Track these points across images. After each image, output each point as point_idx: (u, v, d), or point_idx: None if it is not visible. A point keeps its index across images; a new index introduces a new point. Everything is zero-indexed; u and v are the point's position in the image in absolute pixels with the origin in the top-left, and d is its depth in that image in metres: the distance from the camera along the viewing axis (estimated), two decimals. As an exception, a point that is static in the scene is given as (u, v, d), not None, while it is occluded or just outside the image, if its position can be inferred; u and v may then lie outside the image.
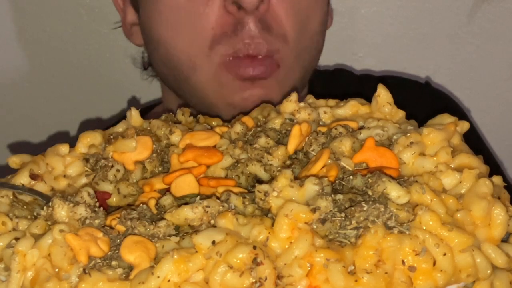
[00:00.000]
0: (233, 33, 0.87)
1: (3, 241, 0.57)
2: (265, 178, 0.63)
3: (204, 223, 0.55)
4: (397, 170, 0.60)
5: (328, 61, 1.30)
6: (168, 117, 0.73)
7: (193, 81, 0.91)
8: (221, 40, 0.87)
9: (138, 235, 0.55)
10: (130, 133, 0.68)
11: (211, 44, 0.88)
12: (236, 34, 0.87)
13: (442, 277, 0.52)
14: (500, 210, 0.56)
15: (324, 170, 0.59)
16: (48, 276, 0.53)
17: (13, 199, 0.63)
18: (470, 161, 0.60)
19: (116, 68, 1.32)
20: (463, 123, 0.66)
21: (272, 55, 0.89)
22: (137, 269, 0.52)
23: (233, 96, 0.89)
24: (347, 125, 0.66)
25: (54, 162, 0.66)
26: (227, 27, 0.87)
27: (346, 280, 0.50)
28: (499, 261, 0.55)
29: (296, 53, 0.92)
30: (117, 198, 0.64)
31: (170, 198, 0.60)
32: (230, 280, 0.50)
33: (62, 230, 0.54)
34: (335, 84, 1.15)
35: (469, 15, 1.30)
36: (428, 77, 1.30)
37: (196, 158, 0.64)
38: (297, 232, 0.52)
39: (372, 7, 1.32)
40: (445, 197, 0.56)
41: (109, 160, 0.66)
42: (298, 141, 0.64)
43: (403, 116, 0.68)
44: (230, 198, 0.56)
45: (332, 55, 1.30)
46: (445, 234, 0.53)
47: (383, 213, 0.53)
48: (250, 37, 0.87)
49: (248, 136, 0.68)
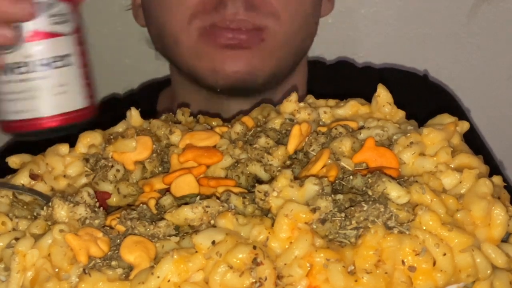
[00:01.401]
0: (214, 10, 0.91)
1: (3, 241, 0.57)
2: (265, 178, 0.63)
3: (204, 223, 0.55)
4: (397, 170, 0.60)
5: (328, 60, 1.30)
6: (168, 117, 0.73)
7: (178, 54, 0.97)
8: (199, 15, 0.92)
9: (138, 235, 0.55)
10: (130, 133, 0.68)
11: (189, 18, 0.93)
12: (218, 11, 0.91)
13: (442, 277, 0.52)
14: (500, 210, 0.56)
15: (324, 170, 0.59)
16: (48, 276, 0.53)
17: (13, 199, 0.63)
18: (470, 161, 0.60)
19: (116, 68, 1.32)
20: (463, 123, 0.66)
21: (259, 30, 0.92)
22: (137, 269, 0.52)
23: (214, 63, 0.93)
24: (347, 125, 0.66)
25: (54, 162, 0.66)
26: (209, 5, 0.92)
27: (346, 280, 0.50)
28: (499, 261, 0.55)
29: (287, 32, 0.95)
30: (117, 198, 0.64)
31: (170, 198, 0.60)
32: (230, 280, 0.50)
33: (62, 230, 0.54)
34: (337, 76, 1.16)
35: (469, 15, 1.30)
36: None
37: (196, 158, 0.64)
38: (297, 232, 0.52)
39: (372, 7, 1.32)
40: (445, 197, 0.56)
41: (109, 160, 0.66)
42: (298, 141, 0.64)
43: (403, 116, 0.68)
44: (230, 198, 0.56)
45: (332, 55, 1.30)
46: (445, 234, 0.53)
47: (383, 213, 0.53)
48: (231, 15, 0.91)
49: (248, 136, 0.68)
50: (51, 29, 0.71)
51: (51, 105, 0.70)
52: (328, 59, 1.28)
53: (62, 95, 0.71)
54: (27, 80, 0.70)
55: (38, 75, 0.70)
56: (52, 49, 0.71)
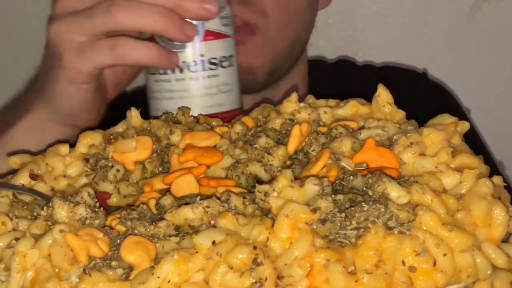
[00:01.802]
0: None
1: (3, 241, 0.57)
2: (265, 178, 0.63)
3: (204, 223, 0.55)
4: (398, 170, 0.59)
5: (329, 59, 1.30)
6: (168, 117, 0.73)
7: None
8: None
9: (138, 235, 0.55)
10: (130, 133, 0.68)
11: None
12: None
13: (442, 277, 0.52)
14: (500, 211, 0.56)
15: (324, 170, 0.59)
16: (48, 276, 0.53)
17: (13, 199, 0.63)
18: (470, 161, 0.60)
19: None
20: (463, 123, 0.66)
21: (248, 25, 0.92)
22: (137, 270, 0.52)
23: None
24: (347, 125, 0.66)
25: (54, 162, 0.66)
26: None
27: (346, 280, 0.50)
28: (499, 262, 0.55)
29: (277, 26, 0.95)
30: (117, 198, 0.64)
31: (170, 198, 0.60)
32: (230, 281, 0.50)
33: (62, 230, 0.54)
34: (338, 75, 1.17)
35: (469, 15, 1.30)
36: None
37: (196, 158, 0.64)
38: (297, 232, 0.52)
39: (372, 7, 1.32)
40: (446, 197, 0.56)
41: (109, 160, 0.65)
42: (298, 141, 0.64)
43: (403, 116, 0.68)
44: (230, 198, 0.56)
45: (332, 54, 1.30)
46: (446, 235, 0.53)
47: (384, 213, 0.53)
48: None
49: (248, 136, 0.68)
50: (221, 30, 0.76)
51: (218, 102, 0.75)
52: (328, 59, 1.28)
53: (227, 94, 0.76)
54: (198, 79, 0.75)
55: (208, 73, 0.75)
56: (222, 49, 0.76)
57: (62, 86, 0.79)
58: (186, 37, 0.73)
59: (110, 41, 0.74)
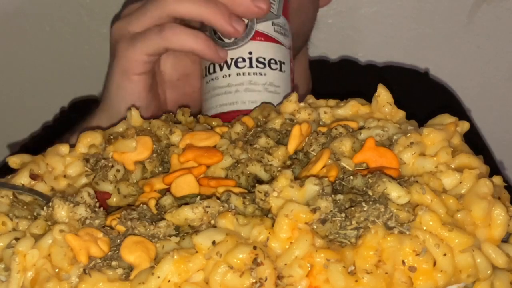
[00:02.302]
0: None
1: (3, 241, 0.57)
2: (265, 178, 0.63)
3: (204, 223, 0.55)
4: (397, 170, 0.59)
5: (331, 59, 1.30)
6: (168, 117, 0.73)
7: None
8: None
9: (138, 235, 0.55)
10: (130, 133, 0.68)
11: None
12: None
13: (442, 277, 0.52)
14: (500, 211, 0.56)
15: (324, 170, 0.59)
16: (48, 276, 0.53)
17: (13, 199, 0.63)
18: (471, 161, 0.60)
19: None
20: (464, 123, 0.66)
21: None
22: (137, 270, 0.52)
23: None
24: (347, 125, 0.66)
25: (54, 162, 0.66)
26: None
27: (346, 280, 0.50)
28: (499, 262, 0.55)
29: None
30: (117, 198, 0.64)
31: (170, 198, 0.60)
32: (230, 281, 0.50)
33: (62, 230, 0.54)
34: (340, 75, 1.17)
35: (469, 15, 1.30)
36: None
37: (196, 158, 0.64)
38: (297, 232, 0.52)
39: (372, 7, 1.32)
40: (445, 197, 0.56)
41: (109, 160, 0.65)
42: (298, 141, 0.64)
43: (403, 116, 0.68)
44: (230, 198, 0.56)
45: (333, 54, 1.30)
46: (446, 235, 0.53)
47: (384, 213, 0.53)
48: None
49: (248, 136, 0.68)
50: (272, 34, 0.78)
51: (263, 99, 0.76)
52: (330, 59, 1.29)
53: (274, 94, 0.77)
54: (244, 74, 0.77)
55: (255, 71, 0.77)
56: (271, 51, 0.78)
57: (115, 80, 0.81)
58: (234, 30, 0.76)
59: (159, 26, 0.77)
